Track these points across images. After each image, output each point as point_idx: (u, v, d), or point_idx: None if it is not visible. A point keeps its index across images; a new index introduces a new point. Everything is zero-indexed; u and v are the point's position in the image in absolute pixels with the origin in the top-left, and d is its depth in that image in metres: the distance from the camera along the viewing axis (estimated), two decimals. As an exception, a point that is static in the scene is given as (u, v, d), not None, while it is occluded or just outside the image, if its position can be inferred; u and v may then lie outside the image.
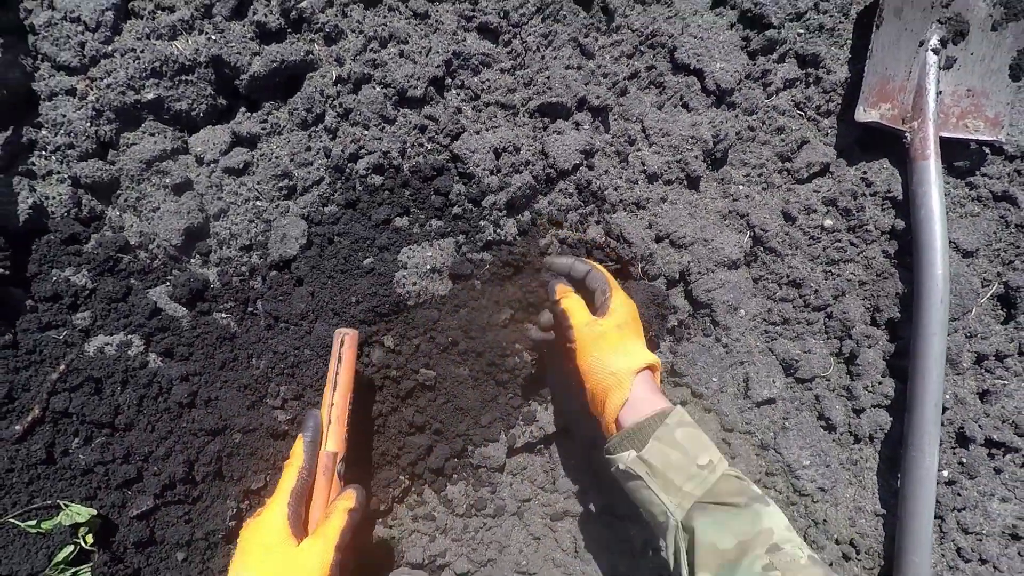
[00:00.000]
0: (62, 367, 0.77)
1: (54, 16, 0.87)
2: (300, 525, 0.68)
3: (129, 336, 0.85)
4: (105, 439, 0.79)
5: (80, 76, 0.88)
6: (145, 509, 0.80)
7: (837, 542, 0.99)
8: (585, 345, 0.80)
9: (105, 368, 0.81)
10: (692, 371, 0.99)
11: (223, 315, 0.89)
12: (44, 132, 0.87)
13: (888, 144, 1.03)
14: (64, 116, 0.87)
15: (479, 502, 0.93)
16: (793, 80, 1.03)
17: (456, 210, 0.94)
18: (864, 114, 0.99)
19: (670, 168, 1.01)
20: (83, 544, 0.75)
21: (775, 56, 1.02)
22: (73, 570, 0.74)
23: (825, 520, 0.99)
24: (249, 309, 0.91)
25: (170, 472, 0.81)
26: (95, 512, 0.75)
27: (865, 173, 1.03)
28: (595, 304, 0.85)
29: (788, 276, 1.02)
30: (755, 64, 1.02)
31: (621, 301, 0.83)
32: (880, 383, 1.01)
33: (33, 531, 0.73)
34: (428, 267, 0.90)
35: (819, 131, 1.05)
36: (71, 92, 0.88)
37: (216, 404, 0.86)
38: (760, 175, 1.04)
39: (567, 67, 0.99)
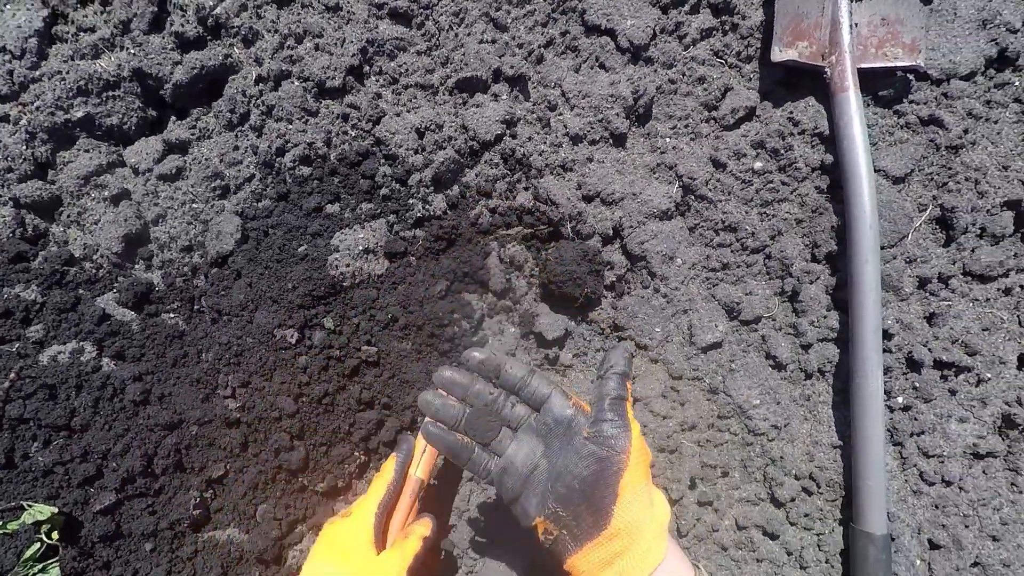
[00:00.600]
0: (12, 375, 0.81)
1: (-20, 48, 0.91)
2: (381, 535, 0.73)
3: (81, 343, 0.89)
4: (63, 441, 0.83)
5: (12, 102, 0.93)
6: (108, 504, 0.83)
7: (796, 477, 1.00)
8: (638, 465, 0.63)
9: (59, 375, 0.85)
10: (634, 323, 1.00)
11: (171, 315, 0.93)
12: (-16, 159, 0.91)
13: (812, 82, 1.04)
14: (0, 142, 0.91)
15: (434, 471, 0.95)
16: (709, 29, 1.04)
17: (384, 191, 0.97)
18: (780, 54, 1.00)
19: (593, 128, 1.02)
20: (48, 540, 0.78)
21: (687, 8, 1.03)
22: (41, 565, 0.78)
23: (782, 457, 1.00)
24: (196, 307, 0.94)
25: (129, 467, 0.84)
26: (56, 510, 0.79)
27: (791, 113, 1.04)
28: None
29: (723, 221, 1.03)
30: (667, 18, 1.03)
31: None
32: (825, 317, 1.01)
33: (0, 532, 0.77)
34: (361, 248, 0.93)
35: (742, 77, 1.06)
36: (4, 118, 0.92)
37: (170, 400, 0.89)
38: (686, 126, 1.05)
39: (481, 42, 1.01)
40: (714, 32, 1.05)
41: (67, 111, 0.92)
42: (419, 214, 0.97)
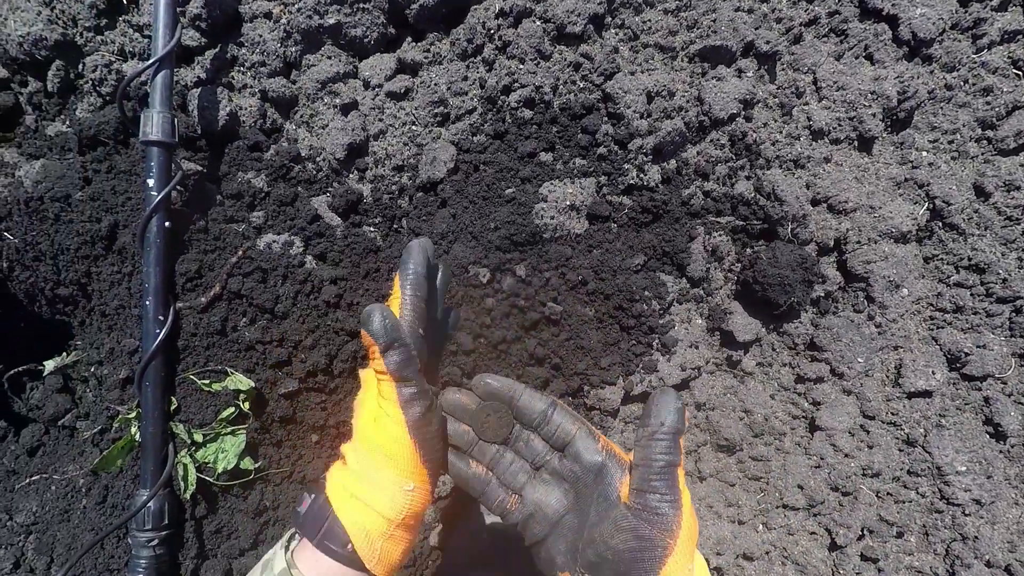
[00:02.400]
0: (240, 252, 0.87)
1: (261, -55, 0.96)
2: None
3: (292, 237, 0.94)
4: (266, 323, 0.89)
5: (277, 1, 0.98)
6: (291, 390, 0.89)
7: (989, 564, 0.87)
8: (685, 549, 0.52)
9: (271, 261, 0.91)
10: (835, 347, 0.91)
11: (371, 229, 0.96)
12: (243, 50, 0.98)
13: None
14: (261, 36, 0.97)
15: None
16: (1014, 33, 0.89)
17: (601, 150, 0.93)
18: (1103, 76, 0.83)
19: (840, 126, 0.91)
20: (242, 408, 0.85)
21: (995, 2, 0.88)
22: (232, 428, 0.85)
23: (977, 537, 0.87)
24: (395, 227, 0.97)
25: (314, 362, 0.89)
26: (252, 384, 0.85)
27: (1092, 149, 0.87)
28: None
29: (969, 259, 0.89)
30: (967, 11, 0.89)
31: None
32: (1073, 396, 0.86)
33: (206, 389, 0.85)
34: (567, 203, 0.90)
35: (1037, 96, 0.90)
36: (268, 15, 0.98)
37: (358, 308, 0.93)
38: (951, 142, 0.92)
39: (737, 9, 0.93)
40: (1019, 36, 0.89)
41: (322, 16, 0.95)
42: (631, 181, 0.92)
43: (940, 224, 0.90)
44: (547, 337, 0.91)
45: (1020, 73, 0.89)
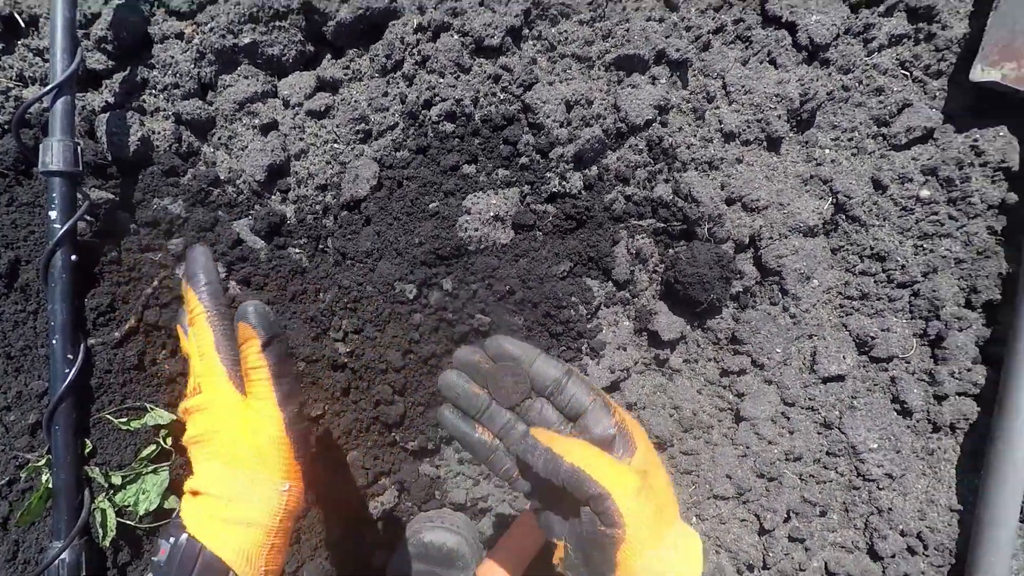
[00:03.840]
0: (155, 283, 0.85)
1: (166, -37, 0.94)
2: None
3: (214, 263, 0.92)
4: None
5: (188, 21, 0.96)
6: (221, 419, 0.87)
7: (903, 534, 0.93)
8: (641, 534, 0.50)
9: (193, 289, 0.88)
10: (754, 340, 0.95)
11: (296, 250, 0.95)
12: (155, 72, 0.95)
13: (1008, 110, 0.93)
14: (172, 58, 0.94)
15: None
16: (900, 36, 0.94)
17: (523, 160, 0.94)
18: (981, 73, 0.89)
19: (749, 128, 0.96)
20: (164, 445, 0.83)
21: (882, 9, 0.94)
22: (155, 466, 0.83)
23: (891, 509, 0.93)
24: (321, 247, 0.96)
25: (244, 388, 0.88)
26: (174, 417, 0.83)
27: (976, 141, 0.93)
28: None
29: (872, 248, 0.95)
30: (857, 18, 0.94)
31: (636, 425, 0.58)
32: (969, 370, 0.92)
33: (124, 428, 0.82)
34: (492, 214, 0.91)
35: (925, 94, 0.96)
36: (179, 36, 0.95)
37: (286, 332, 0.92)
38: (850, 139, 0.97)
39: (648, 19, 0.96)
40: (905, 40, 0.95)
41: (236, 36, 0.93)
42: (554, 189, 0.94)
43: (844, 217, 0.96)
44: (479, 348, 0.92)
45: (908, 73, 0.95)
